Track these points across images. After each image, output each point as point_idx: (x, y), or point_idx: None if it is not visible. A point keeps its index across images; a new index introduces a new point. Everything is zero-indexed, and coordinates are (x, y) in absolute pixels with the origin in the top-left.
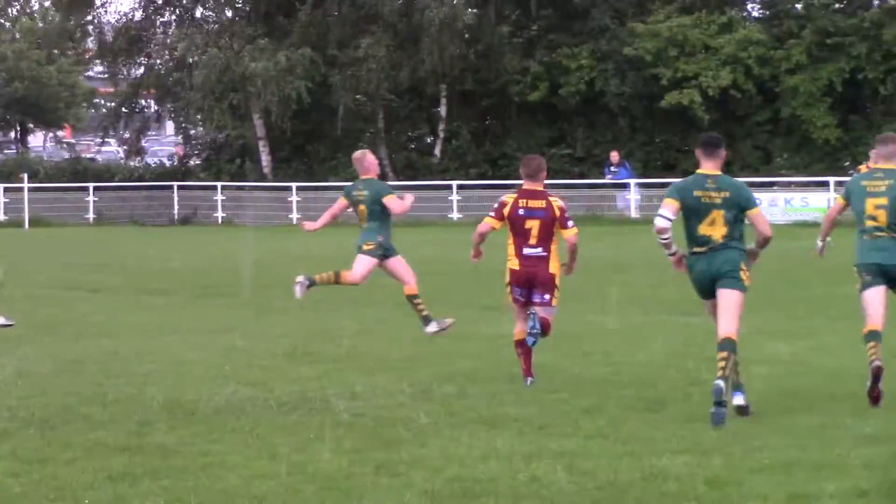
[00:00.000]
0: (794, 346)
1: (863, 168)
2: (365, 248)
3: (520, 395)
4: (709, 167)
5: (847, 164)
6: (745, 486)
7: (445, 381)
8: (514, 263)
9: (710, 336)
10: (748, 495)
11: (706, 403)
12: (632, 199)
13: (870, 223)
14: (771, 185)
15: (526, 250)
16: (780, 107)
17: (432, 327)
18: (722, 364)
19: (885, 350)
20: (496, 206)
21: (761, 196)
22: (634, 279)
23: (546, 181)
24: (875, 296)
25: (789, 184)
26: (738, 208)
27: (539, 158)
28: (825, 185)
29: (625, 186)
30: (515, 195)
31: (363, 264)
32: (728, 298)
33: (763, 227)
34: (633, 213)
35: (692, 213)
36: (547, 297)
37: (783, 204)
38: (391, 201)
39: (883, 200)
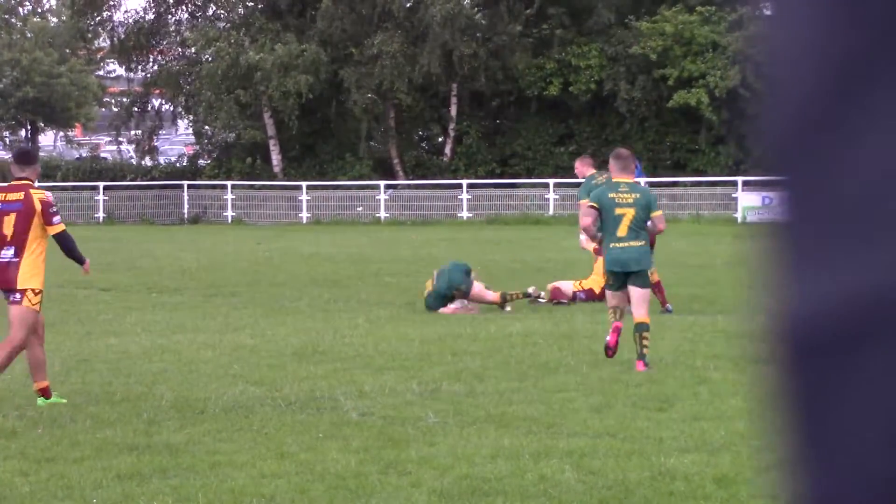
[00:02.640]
0: None
1: None
2: None
3: (528, 394)
4: None
5: None
6: (753, 485)
7: (454, 380)
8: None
9: (718, 334)
10: (757, 494)
11: (714, 401)
12: None
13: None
14: None
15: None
16: None
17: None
18: None
19: None
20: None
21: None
22: None
23: (554, 180)
24: None
25: None
26: None
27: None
28: None
29: None
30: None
31: None
32: None
33: None
34: None
35: None
36: None
37: None
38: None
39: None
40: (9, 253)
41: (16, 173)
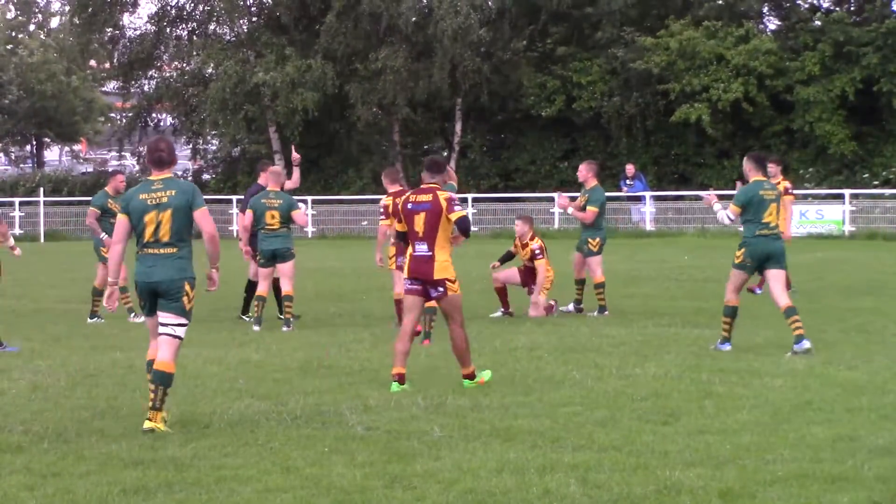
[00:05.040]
0: (809, 359)
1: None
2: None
3: (533, 407)
4: (763, 175)
5: (866, 175)
6: (758, 498)
7: (459, 394)
8: None
9: None
10: None
11: (720, 415)
12: (647, 211)
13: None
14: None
15: None
16: (794, 118)
17: None
18: (796, 325)
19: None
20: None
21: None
22: (649, 291)
23: (561, 193)
24: None
25: (806, 196)
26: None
27: None
28: (840, 197)
29: (640, 199)
30: None
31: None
32: (780, 276)
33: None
34: (648, 226)
35: (757, 208)
36: None
37: (798, 217)
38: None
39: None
40: (423, 247)
41: (426, 179)
